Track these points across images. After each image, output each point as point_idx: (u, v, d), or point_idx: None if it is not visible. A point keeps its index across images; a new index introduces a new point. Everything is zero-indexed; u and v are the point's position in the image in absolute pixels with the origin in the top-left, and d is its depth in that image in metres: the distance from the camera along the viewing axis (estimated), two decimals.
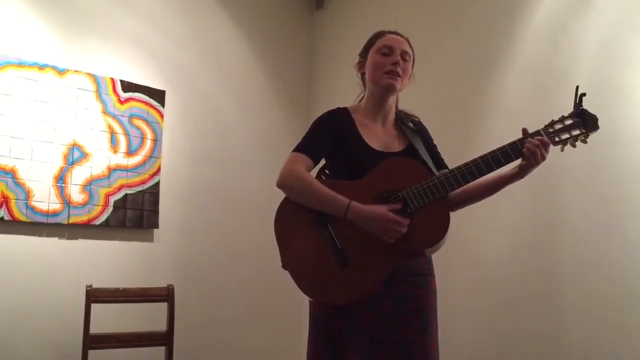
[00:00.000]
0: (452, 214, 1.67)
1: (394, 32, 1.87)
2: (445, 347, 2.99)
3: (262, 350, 3.58)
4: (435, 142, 1.95)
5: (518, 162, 1.66)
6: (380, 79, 1.79)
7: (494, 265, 2.83)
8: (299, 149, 1.78)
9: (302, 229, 1.71)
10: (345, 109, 1.87)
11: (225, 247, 3.54)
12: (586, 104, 2.52)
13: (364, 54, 1.89)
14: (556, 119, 1.65)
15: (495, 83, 2.96)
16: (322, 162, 1.86)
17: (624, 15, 2.47)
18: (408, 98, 3.30)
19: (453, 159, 1.97)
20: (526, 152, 1.60)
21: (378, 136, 1.81)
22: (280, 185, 1.74)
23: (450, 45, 3.21)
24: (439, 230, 1.62)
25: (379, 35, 1.87)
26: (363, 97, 1.92)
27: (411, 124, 1.88)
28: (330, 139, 1.78)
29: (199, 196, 3.48)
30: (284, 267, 1.74)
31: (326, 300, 1.68)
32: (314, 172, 1.83)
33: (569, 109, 1.66)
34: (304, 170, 1.72)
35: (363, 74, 1.89)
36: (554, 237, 2.61)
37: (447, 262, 3.05)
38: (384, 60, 1.79)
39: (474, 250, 2.93)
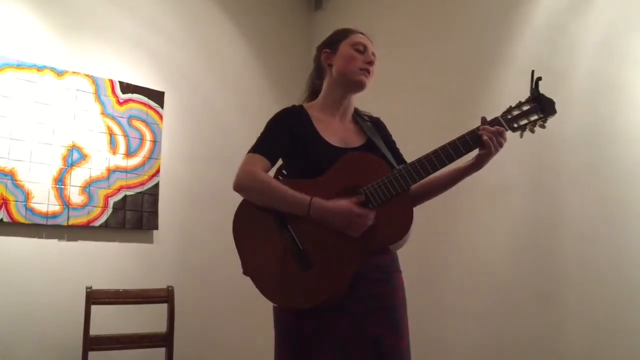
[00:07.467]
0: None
1: (362, 33, 1.84)
2: (445, 348, 3.01)
3: (262, 351, 3.57)
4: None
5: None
6: (354, 73, 1.75)
7: (493, 266, 2.83)
8: (254, 149, 1.72)
9: (261, 233, 1.65)
10: (300, 106, 1.83)
11: (225, 247, 3.48)
12: (585, 104, 2.55)
13: (332, 46, 1.81)
14: (513, 105, 1.62)
15: (493, 83, 2.96)
16: (280, 162, 1.80)
17: (623, 14, 2.47)
18: (405, 98, 3.32)
19: None
20: (485, 140, 1.57)
21: (336, 131, 1.75)
22: (238, 188, 1.67)
23: (448, 46, 3.21)
24: (403, 225, 1.55)
25: (350, 31, 1.82)
26: (308, 95, 1.90)
27: (367, 119, 1.85)
28: (287, 138, 1.72)
29: (199, 197, 3.48)
30: (245, 273, 1.69)
31: (291, 304, 1.63)
32: (272, 173, 1.76)
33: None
34: (261, 171, 1.66)
35: (329, 65, 1.81)
36: (553, 237, 2.61)
37: (446, 263, 3.06)
38: (360, 57, 1.76)
39: (473, 251, 2.93)
